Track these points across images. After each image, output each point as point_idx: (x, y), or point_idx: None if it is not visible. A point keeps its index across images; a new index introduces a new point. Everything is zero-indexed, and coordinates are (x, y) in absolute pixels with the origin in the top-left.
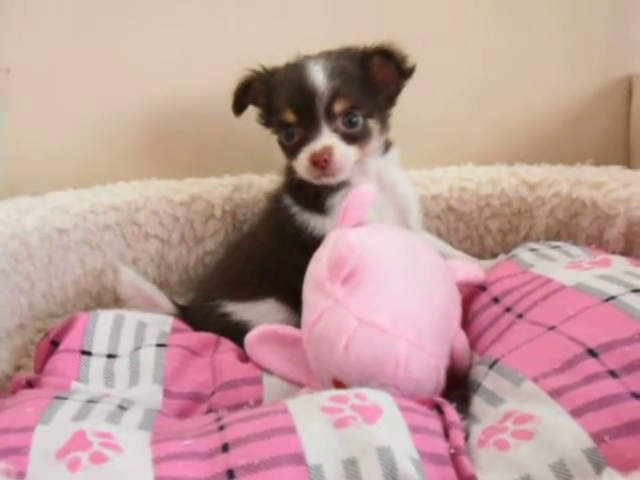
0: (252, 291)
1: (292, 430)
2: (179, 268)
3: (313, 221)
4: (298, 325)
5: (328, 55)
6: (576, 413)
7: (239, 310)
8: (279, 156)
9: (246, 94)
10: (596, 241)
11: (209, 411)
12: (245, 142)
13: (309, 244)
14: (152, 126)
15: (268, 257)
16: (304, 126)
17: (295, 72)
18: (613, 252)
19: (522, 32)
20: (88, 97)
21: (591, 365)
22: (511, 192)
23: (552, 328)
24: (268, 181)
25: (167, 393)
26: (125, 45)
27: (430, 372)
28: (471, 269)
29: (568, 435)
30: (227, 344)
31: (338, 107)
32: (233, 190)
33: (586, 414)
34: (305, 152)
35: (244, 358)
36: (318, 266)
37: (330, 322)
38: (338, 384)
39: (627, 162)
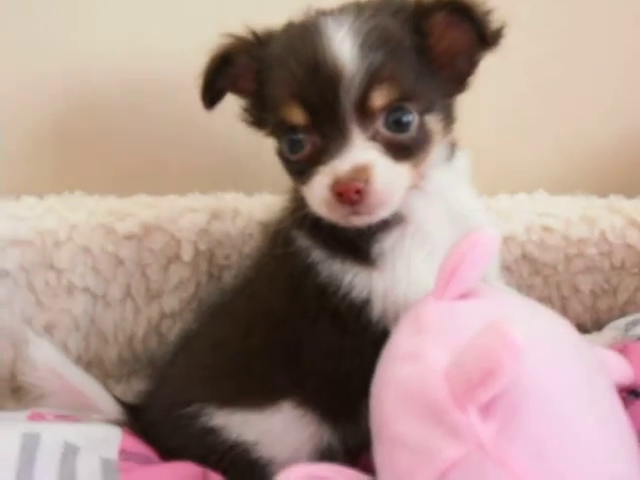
0: (255, 390)
1: None
2: (119, 339)
3: (350, 275)
4: (335, 451)
5: (359, 10)
6: None
7: (235, 424)
8: (278, 167)
9: (223, 75)
10: None
11: None
12: (225, 146)
13: (343, 311)
14: (78, 116)
15: (278, 332)
16: (321, 130)
17: (304, 40)
18: None
19: (613, 48)
20: None
21: None
22: (614, 237)
23: None
24: (261, 204)
25: None
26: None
27: None
28: (621, 362)
29: None
30: None
31: (379, 99)
32: (210, 217)
33: None
34: (323, 175)
35: None
36: (421, 372)
37: None
38: None
39: None
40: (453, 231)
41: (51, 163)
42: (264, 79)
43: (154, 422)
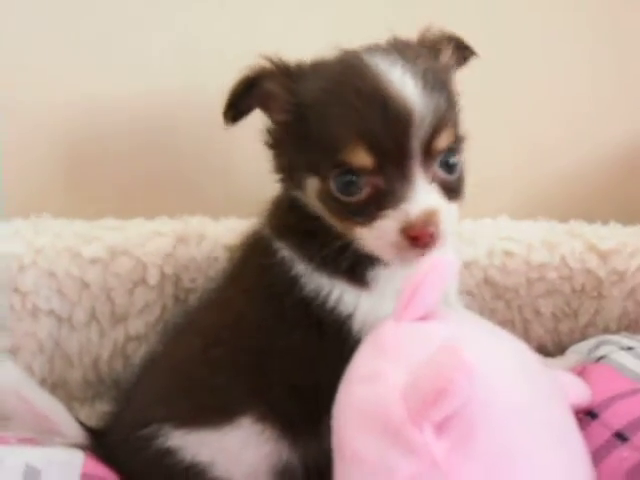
0: (212, 408)
1: None
2: (84, 362)
3: (338, 291)
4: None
5: (401, 50)
6: None
7: (191, 444)
8: (245, 192)
9: (249, 96)
10: None
11: None
12: (193, 169)
13: (326, 323)
14: (44, 142)
15: (246, 341)
16: (385, 173)
17: (362, 78)
18: None
19: (583, 73)
20: None
21: None
22: (574, 262)
23: None
24: (227, 229)
25: None
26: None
27: None
28: (578, 385)
29: None
30: None
31: (442, 142)
32: (176, 242)
33: None
34: (392, 219)
35: None
36: (379, 392)
37: None
38: None
39: None
40: None
41: (18, 187)
42: (305, 115)
43: (115, 445)
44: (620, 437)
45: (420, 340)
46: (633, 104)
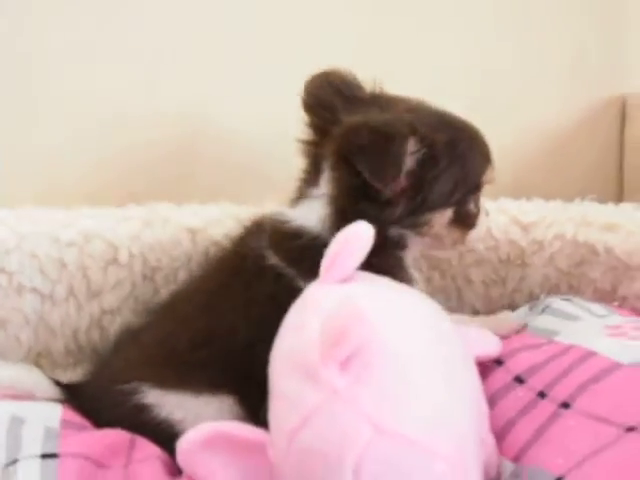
0: (194, 378)
1: None
2: (65, 333)
3: None
4: None
5: None
6: None
7: (167, 403)
8: (204, 181)
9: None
10: (607, 297)
11: None
12: (156, 161)
13: None
14: (24, 135)
15: (230, 346)
16: None
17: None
18: (633, 311)
19: (506, 53)
20: None
21: None
22: (499, 233)
23: (632, 429)
24: (189, 214)
25: None
26: None
27: None
28: (488, 339)
29: None
30: (147, 448)
31: None
32: (143, 226)
33: None
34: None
35: (175, 470)
36: (300, 339)
37: (327, 428)
38: None
39: (619, 190)
40: None
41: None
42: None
43: (93, 398)
44: (518, 380)
45: (334, 296)
46: (557, 85)
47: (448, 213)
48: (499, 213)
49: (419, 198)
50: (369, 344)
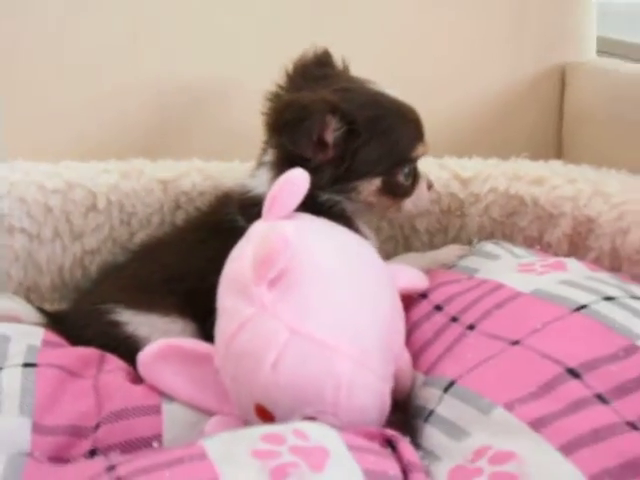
0: (162, 303)
1: None
2: (51, 270)
3: None
4: None
5: None
6: (567, 449)
7: (136, 321)
8: (174, 140)
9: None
10: (535, 243)
11: (93, 450)
12: (135, 122)
13: None
14: (17, 93)
15: (202, 275)
16: None
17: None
18: (556, 255)
19: (448, 21)
20: None
21: (575, 388)
22: (440, 187)
23: (516, 343)
24: (162, 168)
25: (38, 428)
26: None
27: (375, 397)
28: (414, 275)
29: (561, 478)
30: (114, 361)
31: None
32: (120, 177)
33: (580, 450)
34: (423, 181)
35: (137, 380)
36: (239, 265)
37: (255, 334)
38: (262, 412)
39: (558, 154)
40: None
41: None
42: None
43: (72, 319)
44: (438, 308)
45: (264, 227)
46: (498, 55)
47: (376, 182)
48: (441, 169)
49: (343, 167)
50: (293, 266)
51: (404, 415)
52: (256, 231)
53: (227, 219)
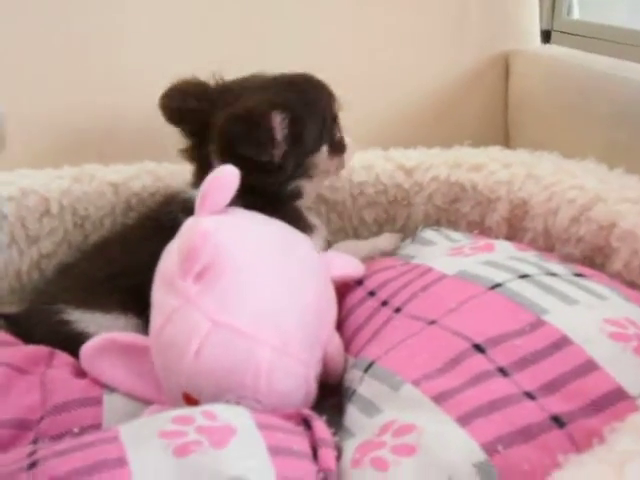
0: (107, 301)
1: (122, 463)
2: (9, 274)
3: None
4: None
5: None
6: (464, 420)
7: (84, 320)
8: (126, 145)
9: None
10: (478, 228)
11: (35, 441)
12: (88, 128)
13: None
14: None
15: (146, 270)
16: None
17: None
18: (496, 238)
19: (388, 12)
20: None
21: (478, 362)
22: (386, 178)
23: (433, 322)
24: (113, 171)
25: None
26: None
27: (298, 382)
28: (349, 263)
29: (456, 447)
30: (63, 358)
31: None
32: (72, 182)
33: (475, 420)
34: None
35: (82, 374)
36: (168, 261)
37: (179, 325)
38: (189, 399)
39: (505, 142)
40: None
41: None
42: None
43: (26, 319)
44: (371, 294)
45: (193, 222)
46: (441, 45)
47: (324, 149)
48: (386, 161)
49: (299, 151)
50: (218, 260)
51: (339, 398)
52: (186, 227)
53: (170, 217)
